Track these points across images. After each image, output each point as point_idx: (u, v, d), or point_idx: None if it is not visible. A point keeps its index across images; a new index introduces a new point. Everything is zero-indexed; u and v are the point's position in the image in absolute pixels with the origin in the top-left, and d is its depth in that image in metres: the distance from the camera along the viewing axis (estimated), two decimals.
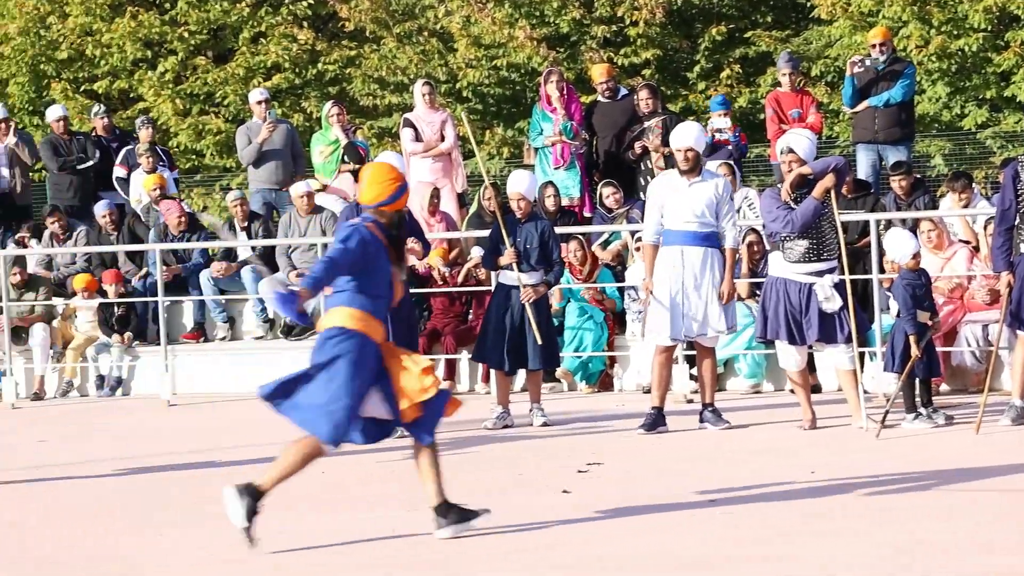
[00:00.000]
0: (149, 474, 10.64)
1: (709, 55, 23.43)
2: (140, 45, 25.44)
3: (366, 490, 9.66)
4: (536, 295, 12.14)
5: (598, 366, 14.46)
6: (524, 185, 12.38)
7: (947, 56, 21.16)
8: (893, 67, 15.47)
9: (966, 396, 12.87)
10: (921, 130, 21.30)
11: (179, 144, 25.03)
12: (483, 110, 23.94)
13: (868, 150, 15.51)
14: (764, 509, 8.40)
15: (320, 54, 25.05)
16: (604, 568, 7.11)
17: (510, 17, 23.30)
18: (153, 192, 16.84)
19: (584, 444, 11.11)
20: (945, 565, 6.82)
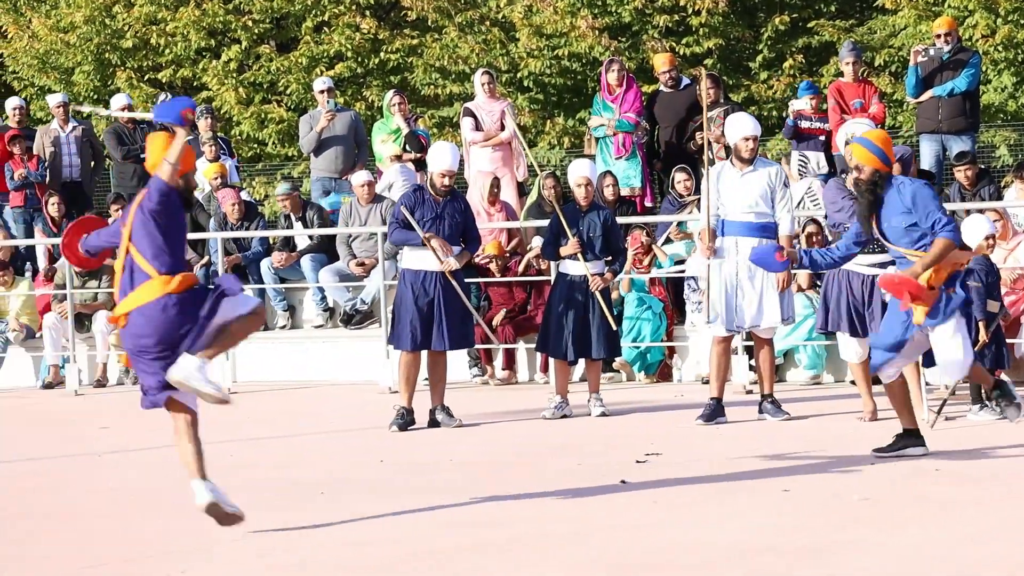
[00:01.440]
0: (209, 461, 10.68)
1: (772, 45, 23.30)
2: (204, 34, 25.56)
3: (419, 480, 9.68)
4: (604, 283, 12.12)
5: (657, 356, 14.42)
6: (588, 170, 12.37)
7: (1013, 46, 20.95)
8: (958, 56, 15.33)
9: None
10: (986, 120, 21.10)
11: (241, 133, 25.13)
12: (544, 100, 23.90)
13: (932, 140, 15.38)
14: (828, 499, 8.35)
15: (382, 43, 25.07)
16: (667, 558, 7.09)
17: (572, 6, 23.24)
18: (214, 181, 16.93)
19: (642, 434, 11.08)
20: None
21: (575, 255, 12.13)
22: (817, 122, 15.57)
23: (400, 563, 7.19)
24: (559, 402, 12.24)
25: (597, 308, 12.10)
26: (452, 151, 12.17)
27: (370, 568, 7.15)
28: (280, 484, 9.65)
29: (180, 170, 7.76)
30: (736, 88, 22.60)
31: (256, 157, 25.67)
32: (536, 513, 8.30)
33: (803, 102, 15.73)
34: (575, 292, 12.15)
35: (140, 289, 7.68)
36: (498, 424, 12.07)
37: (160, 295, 7.64)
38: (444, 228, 11.97)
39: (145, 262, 7.68)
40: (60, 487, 9.93)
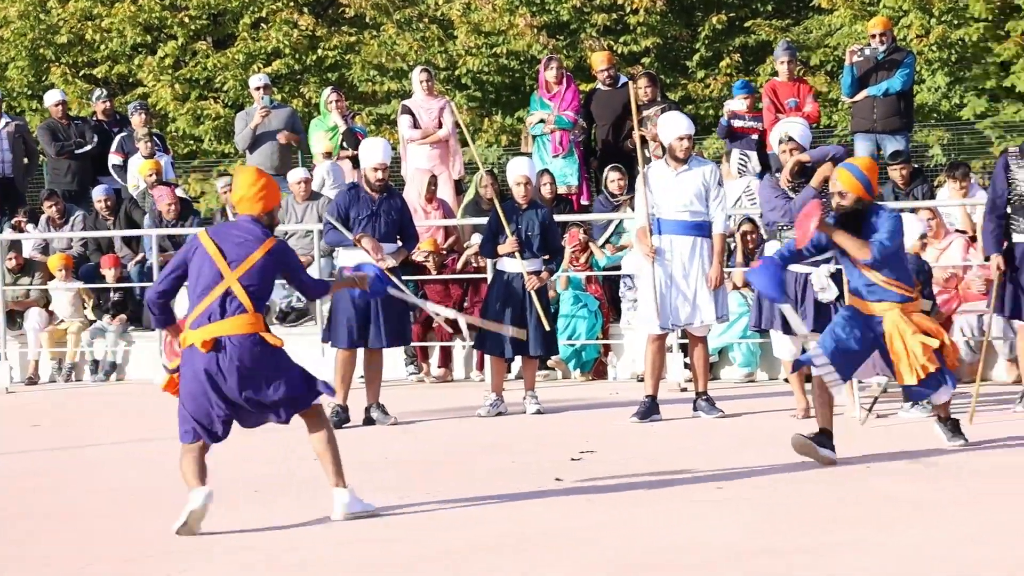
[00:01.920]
0: (148, 460, 10.64)
1: (709, 44, 23.41)
2: (140, 30, 25.43)
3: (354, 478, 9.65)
4: (540, 282, 12.13)
5: (592, 354, 14.45)
6: (527, 169, 12.37)
7: (947, 46, 21.15)
8: (893, 56, 15.43)
9: (960, 386, 12.84)
10: (920, 120, 21.28)
11: (177, 129, 25.01)
12: (482, 98, 23.92)
13: (866, 139, 15.47)
14: (761, 497, 8.38)
15: (320, 40, 25.02)
16: (599, 555, 7.09)
17: (510, 4, 23.27)
18: (149, 178, 16.81)
19: (577, 432, 11.09)
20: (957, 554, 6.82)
21: (513, 253, 12.13)
22: (751, 121, 15.62)
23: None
24: (494, 400, 12.25)
25: (534, 306, 12.11)
26: (383, 145, 12.17)
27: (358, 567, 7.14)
28: (217, 482, 9.59)
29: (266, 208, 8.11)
30: (673, 87, 22.69)
31: (192, 154, 25.54)
32: (471, 513, 8.30)
33: (738, 102, 15.78)
34: (512, 290, 12.16)
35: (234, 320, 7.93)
36: (433, 422, 12.06)
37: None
38: (380, 225, 11.94)
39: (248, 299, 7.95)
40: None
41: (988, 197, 11.31)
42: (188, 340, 7.98)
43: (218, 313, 7.91)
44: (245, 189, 8.10)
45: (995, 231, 11.13)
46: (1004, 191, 11.08)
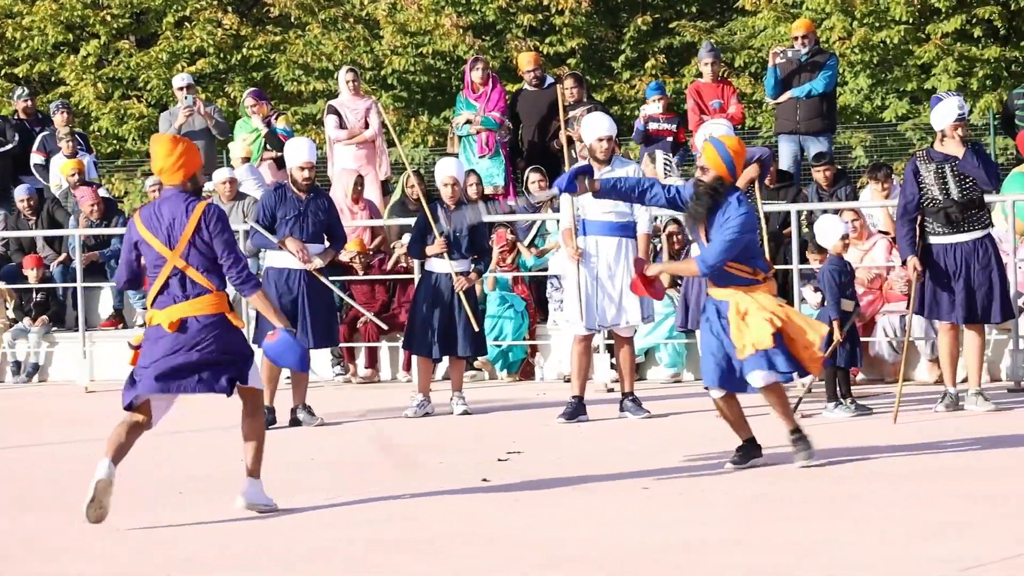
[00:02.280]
0: (69, 460, 10.55)
1: (634, 45, 23.51)
2: (62, 28, 25.21)
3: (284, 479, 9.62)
4: (468, 283, 12.13)
5: (519, 355, 14.48)
6: (455, 170, 12.37)
7: (869, 48, 21.34)
8: (815, 58, 15.56)
9: (882, 386, 13.00)
10: (843, 121, 21.48)
11: (100, 128, 24.82)
12: (408, 98, 23.90)
13: (790, 141, 15.60)
14: (686, 496, 8.43)
15: (245, 39, 24.91)
16: (524, 553, 7.11)
17: (436, 4, 23.27)
18: (72, 177, 16.66)
19: (504, 433, 11.11)
20: (871, 551, 6.88)
21: (441, 254, 12.12)
22: (665, 123, 15.68)
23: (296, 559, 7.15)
24: (421, 400, 12.24)
25: (463, 307, 12.11)
26: (308, 145, 12.16)
27: (264, 567, 7.11)
28: (141, 482, 9.53)
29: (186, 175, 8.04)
30: (599, 88, 22.77)
31: (115, 153, 25.35)
32: (399, 511, 8.29)
33: (653, 104, 15.82)
34: (440, 290, 12.16)
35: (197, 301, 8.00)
36: (360, 423, 12.03)
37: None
38: (308, 226, 11.91)
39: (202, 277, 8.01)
40: None
41: (899, 202, 11.45)
42: (154, 320, 8.06)
43: (180, 294, 7.98)
44: (163, 160, 8.04)
45: (908, 234, 11.28)
46: (915, 195, 11.24)
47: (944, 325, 11.38)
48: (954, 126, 11.18)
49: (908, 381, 12.30)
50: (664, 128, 15.69)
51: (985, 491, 8.26)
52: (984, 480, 8.66)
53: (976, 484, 8.52)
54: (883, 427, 10.81)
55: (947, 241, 11.21)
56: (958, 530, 7.25)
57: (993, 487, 8.40)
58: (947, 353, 11.43)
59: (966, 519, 7.51)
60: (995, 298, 11.22)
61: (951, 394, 11.39)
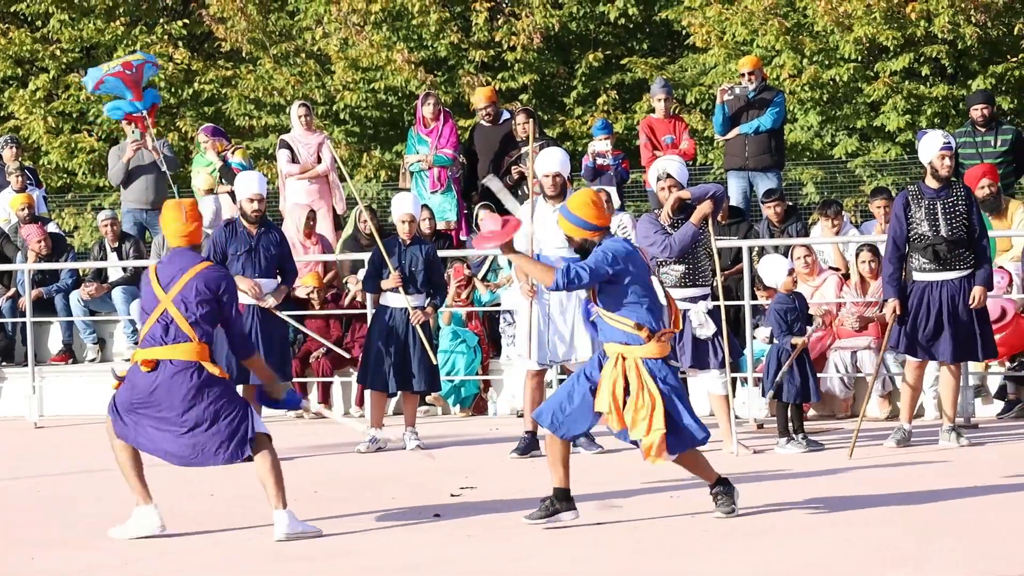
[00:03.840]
0: (16, 495, 10.47)
1: (586, 81, 23.60)
2: (10, 62, 25.08)
3: (236, 512, 9.57)
4: (425, 317, 12.11)
5: (472, 390, 14.47)
6: (412, 206, 12.35)
7: (819, 86, 21.50)
8: (763, 95, 15.65)
9: (834, 422, 13.05)
10: (793, 158, 21.61)
11: (51, 162, 24.69)
12: (360, 133, 23.90)
13: (739, 177, 15.67)
14: (641, 528, 8.44)
15: (196, 74, 24.85)
16: None
17: (388, 40, 23.30)
18: (21, 212, 16.56)
19: (457, 468, 11.09)
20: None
21: (396, 288, 12.11)
22: (612, 160, 15.69)
23: None
24: (373, 435, 12.20)
25: (418, 342, 12.09)
26: (258, 177, 12.18)
27: None
28: (89, 518, 9.47)
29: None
30: (551, 124, 22.83)
31: (66, 187, 25.22)
32: (350, 546, 8.26)
33: (600, 142, 15.86)
34: (395, 325, 12.14)
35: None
36: (312, 458, 11.98)
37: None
38: (260, 260, 11.90)
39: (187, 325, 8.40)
40: None
41: (888, 238, 11.37)
42: (135, 357, 8.50)
43: (160, 338, 8.35)
44: (177, 225, 8.53)
45: (894, 273, 11.26)
46: (904, 231, 11.22)
47: (913, 362, 11.38)
48: (940, 156, 11.20)
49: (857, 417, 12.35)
50: (608, 163, 15.72)
51: (942, 523, 8.31)
52: (940, 513, 8.71)
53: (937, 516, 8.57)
54: (838, 462, 10.85)
55: (933, 278, 11.18)
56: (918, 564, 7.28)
57: (954, 520, 8.46)
58: (909, 390, 11.46)
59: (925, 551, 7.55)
60: (977, 337, 11.23)
61: (905, 430, 11.43)
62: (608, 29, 23.84)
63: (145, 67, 17.08)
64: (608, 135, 16.01)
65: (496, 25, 23.26)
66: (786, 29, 21.52)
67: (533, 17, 23.02)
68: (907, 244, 11.26)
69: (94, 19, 25.26)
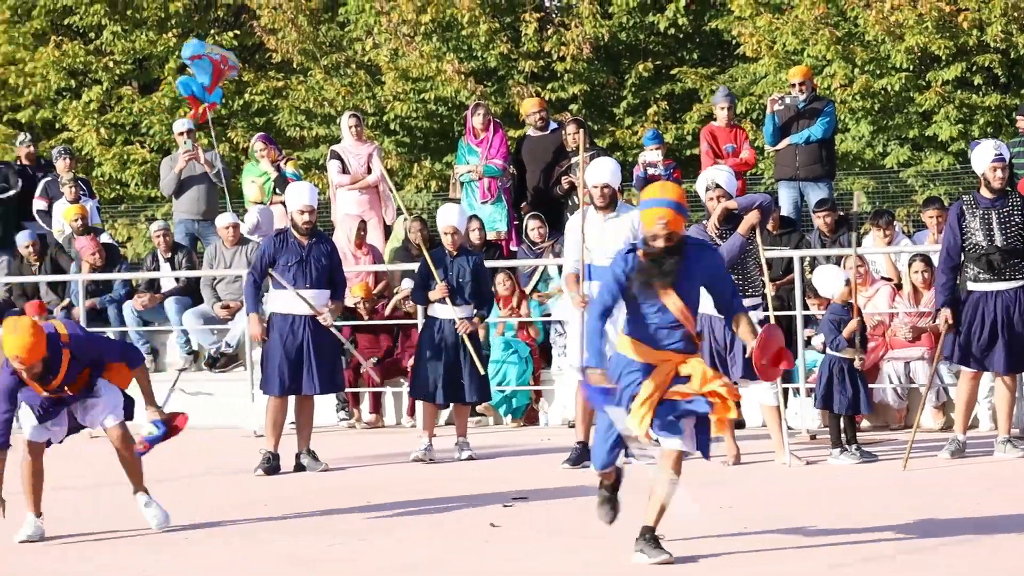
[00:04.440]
0: (70, 506, 10.54)
1: (636, 91, 23.59)
2: (64, 74, 25.30)
3: (288, 524, 9.60)
4: (471, 328, 12.11)
5: (523, 400, 14.46)
6: (455, 218, 12.35)
7: (870, 95, 21.41)
8: (813, 105, 15.60)
9: (887, 432, 12.98)
10: (844, 168, 21.53)
11: (103, 174, 24.88)
12: (410, 143, 23.97)
13: (789, 187, 15.62)
14: (692, 543, 8.42)
15: (247, 85, 24.99)
16: None
17: (438, 51, 23.36)
18: (75, 223, 16.68)
19: (509, 478, 11.09)
20: None
21: (443, 299, 12.14)
22: (663, 170, 15.69)
23: None
24: (427, 445, 12.19)
25: (467, 353, 12.10)
26: (309, 188, 12.18)
27: None
28: (144, 528, 9.52)
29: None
30: (601, 134, 22.83)
31: (119, 198, 25.40)
32: (408, 557, 8.28)
33: (652, 153, 15.86)
34: (444, 336, 12.15)
35: None
36: (365, 468, 12.01)
37: None
38: (311, 271, 11.93)
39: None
40: None
41: (942, 247, 11.37)
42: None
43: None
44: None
45: (948, 283, 11.24)
46: (958, 241, 11.17)
47: (968, 373, 11.34)
48: (992, 167, 11.16)
49: (910, 428, 12.28)
50: (662, 174, 15.72)
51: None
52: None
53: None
54: (892, 474, 10.80)
55: (988, 288, 11.15)
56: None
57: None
58: (964, 401, 11.42)
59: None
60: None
61: (959, 441, 11.36)
62: (658, 39, 23.82)
63: (231, 71, 17.50)
64: (659, 145, 16.01)
65: (546, 35, 23.27)
66: (837, 38, 21.44)
67: (583, 27, 23.03)
68: (962, 254, 11.21)
69: (146, 31, 25.45)
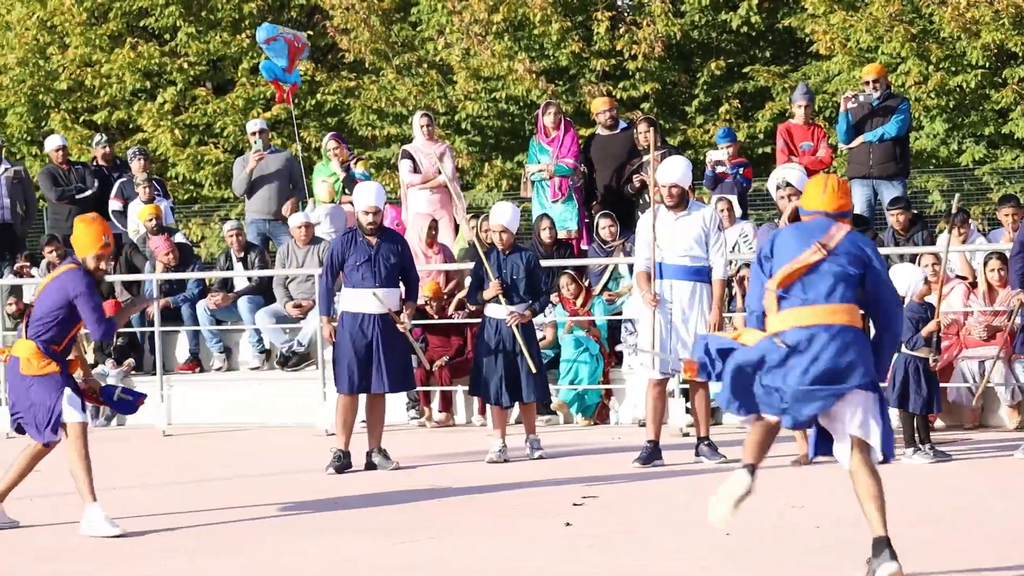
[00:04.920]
0: (145, 503, 10.63)
1: (708, 89, 23.50)
2: (139, 76, 25.52)
3: (360, 521, 9.64)
4: (522, 319, 12.06)
5: (594, 399, 14.45)
6: (506, 217, 12.29)
7: (945, 92, 21.22)
8: (887, 103, 15.49)
9: (961, 432, 12.87)
10: (919, 166, 21.34)
11: (178, 175, 25.08)
12: (482, 142, 23.99)
13: (863, 185, 15.51)
14: (763, 543, 8.38)
15: (319, 85, 25.11)
16: None
17: (509, 50, 23.37)
18: (149, 223, 16.83)
19: (580, 477, 11.08)
20: None
21: (496, 297, 12.09)
22: (731, 168, 15.62)
23: None
24: (502, 445, 12.16)
25: (521, 350, 12.01)
26: (375, 189, 12.19)
27: None
28: (218, 526, 9.59)
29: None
30: (673, 132, 22.76)
31: (193, 199, 25.59)
32: (479, 554, 8.29)
33: (721, 152, 15.81)
34: (501, 336, 12.10)
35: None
36: (436, 466, 12.04)
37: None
38: (380, 269, 11.95)
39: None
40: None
41: (1017, 238, 11.60)
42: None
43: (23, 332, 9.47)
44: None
45: (1021, 268, 11.42)
46: None
47: None
48: None
49: (986, 428, 12.18)
50: (728, 172, 15.67)
51: None
52: None
53: None
54: (965, 473, 10.70)
55: None
56: None
57: None
58: None
59: None
60: None
61: None
62: (730, 37, 23.72)
63: (305, 49, 17.84)
64: (731, 143, 15.95)
65: (617, 34, 23.23)
66: (912, 36, 21.26)
67: (655, 26, 22.97)
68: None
69: (220, 32, 25.63)
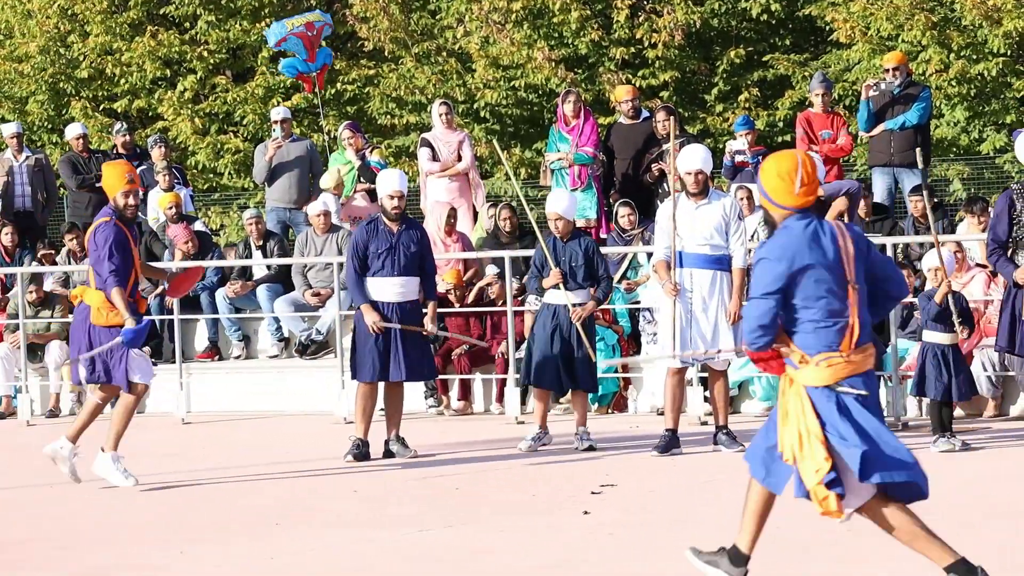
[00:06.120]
0: (165, 491, 10.65)
1: (727, 78, 23.44)
2: (159, 64, 25.53)
3: (377, 510, 9.65)
4: (586, 314, 12.00)
5: (611, 388, 14.43)
6: (562, 205, 12.22)
7: (966, 81, 21.14)
8: (908, 91, 15.45)
9: (981, 421, 12.83)
10: (939, 154, 21.26)
11: (197, 163, 25.09)
12: (501, 131, 23.97)
13: (884, 173, 15.46)
14: (781, 531, 8.36)
15: (339, 73, 25.11)
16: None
17: (528, 38, 23.33)
18: (169, 211, 16.85)
19: (598, 466, 11.08)
20: None
21: (557, 285, 12.03)
22: (751, 157, 15.59)
23: None
24: (538, 433, 12.12)
25: (580, 340, 11.94)
26: (398, 174, 12.17)
27: None
28: (237, 514, 9.61)
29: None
30: (692, 120, 22.71)
31: (212, 188, 25.62)
32: (496, 544, 8.29)
33: (738, 140, 15.77)
34: (560, 323, 12.00)
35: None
36: (453, 455, 12.04)
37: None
38: (400, 258, 11.94)
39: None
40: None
41: (988, 236, 11.27)
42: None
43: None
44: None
45: (1002, 259, 11.08)
46: (1006, 231, 11.02)
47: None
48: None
49: (1005, 417, 12.14)
50: (747, 160, 15.64)
51: None
52: None
53: None
54: (990, 462, 10.67)
55: None
56: None
57: None
58: None
59: None
60: None
61: None
62: (750, 25, 23.64)
63: (324, 28, 17.83)
64: (750, 131, 15.91)
65: (637, 22, 23.17)
66: (933, 24, 21.17)
67: (674, 14, 22.91)
68: (1012, 242, 11.03)
69: (240, 20, 25.63)
